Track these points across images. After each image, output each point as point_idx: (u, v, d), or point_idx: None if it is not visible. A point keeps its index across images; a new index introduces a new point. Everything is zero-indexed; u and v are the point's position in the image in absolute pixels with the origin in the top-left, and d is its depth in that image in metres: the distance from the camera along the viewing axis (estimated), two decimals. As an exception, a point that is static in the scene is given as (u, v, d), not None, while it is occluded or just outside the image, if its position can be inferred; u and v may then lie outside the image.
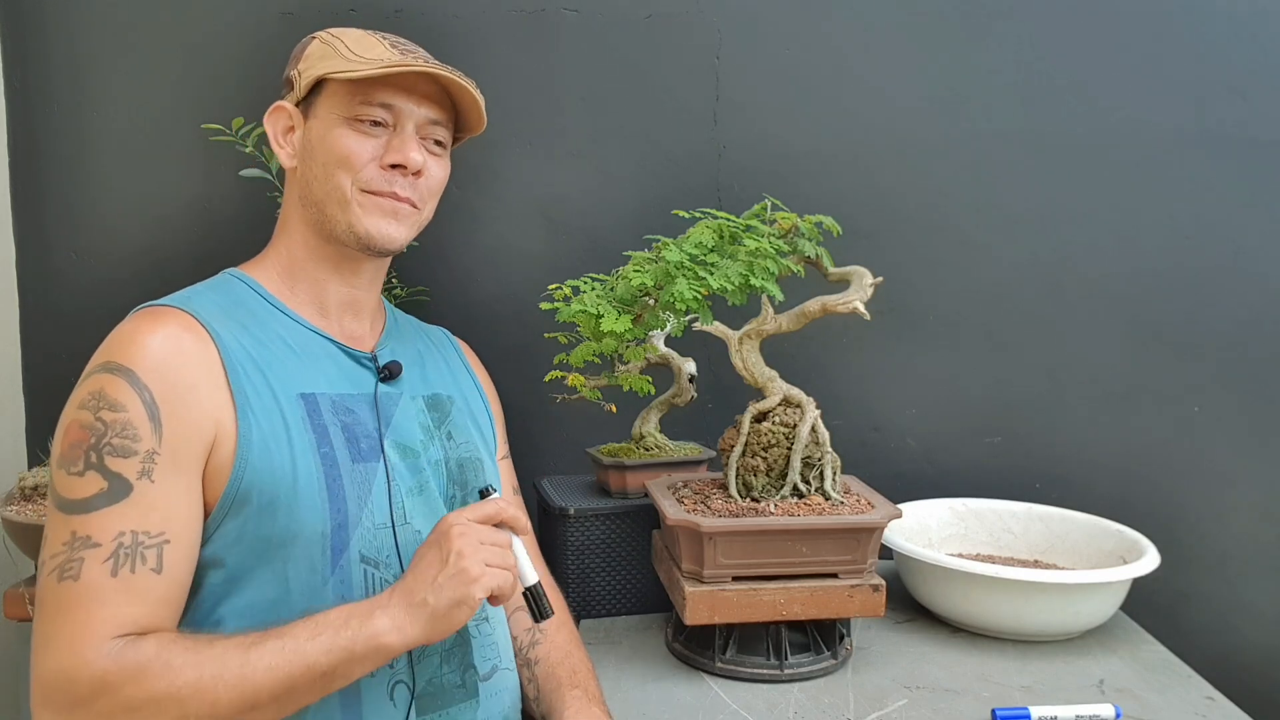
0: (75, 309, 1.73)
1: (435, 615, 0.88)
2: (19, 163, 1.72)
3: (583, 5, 1.67)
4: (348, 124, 1.03)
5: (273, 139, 1.08)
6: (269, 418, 0.96)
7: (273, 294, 1.06)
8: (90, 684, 0.83)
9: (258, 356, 0.98)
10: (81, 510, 0.87)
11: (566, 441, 1.71)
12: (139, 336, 0.93)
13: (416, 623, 0.88)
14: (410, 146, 1.04)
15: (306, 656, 0.85)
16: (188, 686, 0.83)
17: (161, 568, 0.88)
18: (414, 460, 1.06)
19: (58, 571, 0.86)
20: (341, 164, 1.02)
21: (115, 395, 0.90)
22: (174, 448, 0.90)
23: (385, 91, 1.03)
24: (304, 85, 1.05)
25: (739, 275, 1.08)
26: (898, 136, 1.66)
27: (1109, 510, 1.55)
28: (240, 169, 1.53)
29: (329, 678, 0.87)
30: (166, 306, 0.98)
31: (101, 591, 0.85)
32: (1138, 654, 1.29)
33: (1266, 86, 1.61)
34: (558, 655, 1.13)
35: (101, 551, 0.86)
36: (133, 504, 0.88)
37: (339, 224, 1.04)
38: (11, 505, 1.43)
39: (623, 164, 1.69)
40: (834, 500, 1.20)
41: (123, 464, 0.88)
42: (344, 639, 0.86)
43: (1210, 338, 1.65)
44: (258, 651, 0.85)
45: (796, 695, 1.15)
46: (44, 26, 1.69)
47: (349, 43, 1.04)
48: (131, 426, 0.89)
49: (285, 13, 1.67)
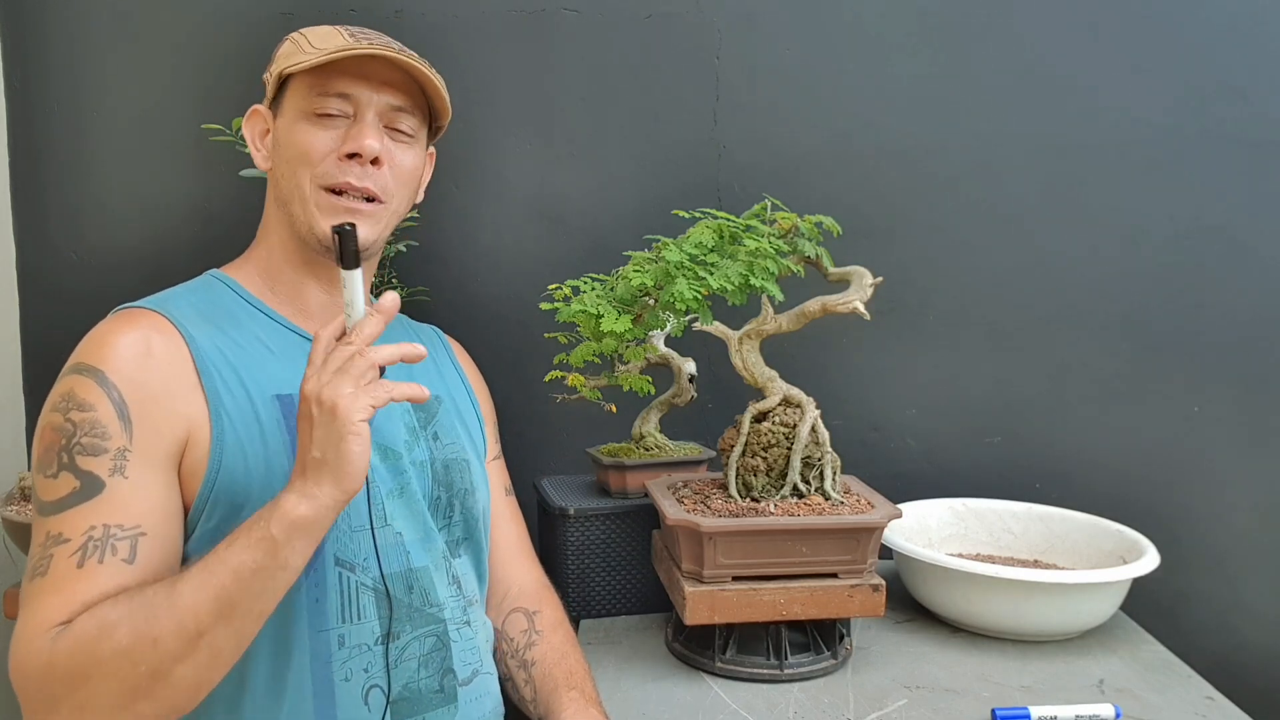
0: (75, 309, 1.72)
1: (331, 464, 0.83)
2: (19, 163, 1.72)
3: (583, 5, 1.67)
4: (307, 118, 1.01)
5: (250, 143, 1.07)
6: (243, 419, 0.95)
7: (253, 294, 1.06)
8: (41, 674, 0.82)
9: (233, 358, 0.98)
10: (56, 510, 0.87)
11: (566, 441, 1.71)
12: (110, 338, 0.94)
13: (320, 482, 0.83)
14: (366, 134, 1.00)
15: (228, 562, 0.83)
16: (126, 637, 0.81)
17: (134, 559, 0.87)
18: (395, 462, 1.05)
19: (32, 571, 0.87)
20: (301, 159, 1.01)
21: (84, 395, 0.90)
22: (146, 445, 0.90)
23: (342, 80, 1.00)
24: (272, 85, 1.05)
25: (739, 275, 1.08)
26: (898, 136, 1.66)
27: (1109, 510, 1.55)
28: (240, 169, 1.53)
29: (262, 574, 0.82)
30: (141, 309, 0.98)
31: (62, 582, 0.85)
32: (1138, 654, 1.29)
33: (1266, 86, 1.61)
34: (554, 656, 1.12)
35: (70, 546, 0.86)
36: (105, 500, 0.88)
37: (301, 224, 1.03)
38: (11, 505, 1.43)
39: (623, 164, 1.69)
40: (834, 500, 1.20)
41: (93, 462, 0.88)
42: (258, 532, 0.83)
43: (1210, 338, 1.65)
44: (184, 579, 0.83)
45: (796, 695, 1.15)
46: (44, 26, 1.69)
47: (312, 39, 1.03)
48: (100, 425, 0.89)
49: (285, 13, 1.67)
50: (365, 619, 0.98)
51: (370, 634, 0.98)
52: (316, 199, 1.01)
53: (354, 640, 0.97)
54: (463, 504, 1.11)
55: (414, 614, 1.01)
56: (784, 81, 1.67)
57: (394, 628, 0.99)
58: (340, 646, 0.96)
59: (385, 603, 0.99)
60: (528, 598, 1.21)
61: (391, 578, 1.00)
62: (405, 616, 1.00)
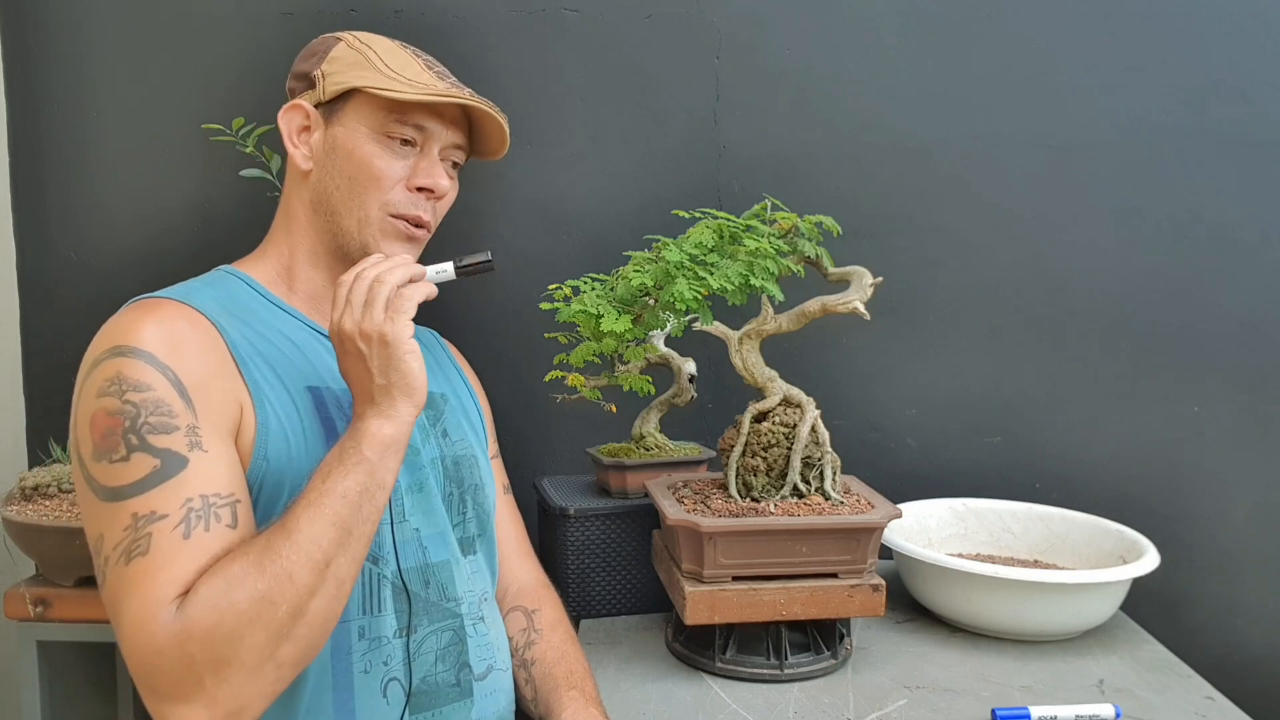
0: (75, 309, 1.73)
1: (397, 384, 0.90)
2: (19, 163, 1.72)
3: (583, 5, 1.67)
4: (377, 141, 1.03)
5: (286, 137, 1.06)
6: (284, 407, 0.95)
7: (271, 291, 1.06)
8: (174, 642, 0.79)
9: (262, 349, 0.98)
10: (138, 491, 0.84)
11: (566, 441, 1.71)
12: (142, 323, 0.90)
13: (394, 402, 0.90)
14: (438, 171, 1.05)
15: (334, 490, 0.85)
16: (260, 580, 0.81)
17: (237, 524, 0.86)
18: (413, 458, 1.05)
19: (124, 555, 0.82)
20: (371, 183, 1.02)
21: (137, 376, 0.87)
22: (210, 422, 0.88)
23: (421, 114, 1.04)
24: (330, 89, 1.03)
25: (739, 275, 1.08)
26: (898, 136, 1.66)
27: (1109, 510, 1.56)
28: (240, 169, 1.53)
29: (366, 495, 0.87)
30: (164, 299, 0.96)
31: (171, 555, 0.82)
32: (1138, 654, 1.29)
33: (1266, 86, 1.61)
34: (554, 655, 1.13)
35: (170, 521, 0.83)
36: (193, 473, 0.85)
37: (352, 240, 1.04)
38: (11, 505, 1.43)
39: (623, 164, 1.69)
40: (834, 500, 1.20)
41: (168, 439, 0.85)
42: (351, 459, 0.87)
43: (1210, 338, 1.65)
44: (292, 519, 0.84)
45: (796, 695, 1.15)
46: (44, 26, 1.69)
47: (381, 54, 1.04)
48: (164, 403, 0.87)
49: (285, 13, 1.67)
50: (384, 612, 0.98)
51: (389, 627, 0.98)
52: (380, 222, 1.04)
53: (373, 632, 0.97)
54: (474, 500, 1.12)
55: (431, 608, 1.02)
56: (784, 81, 1.67)
57: (413, 621, 1.00)
58: (360, 638, 0.96)
59: (404, 597, 0.99)
60: (527, 596, 1.21)
61: (409, 573, 1.01)
62: (423, 610, 1.01)
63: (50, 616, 1.40)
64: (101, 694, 1.69)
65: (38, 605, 1.40)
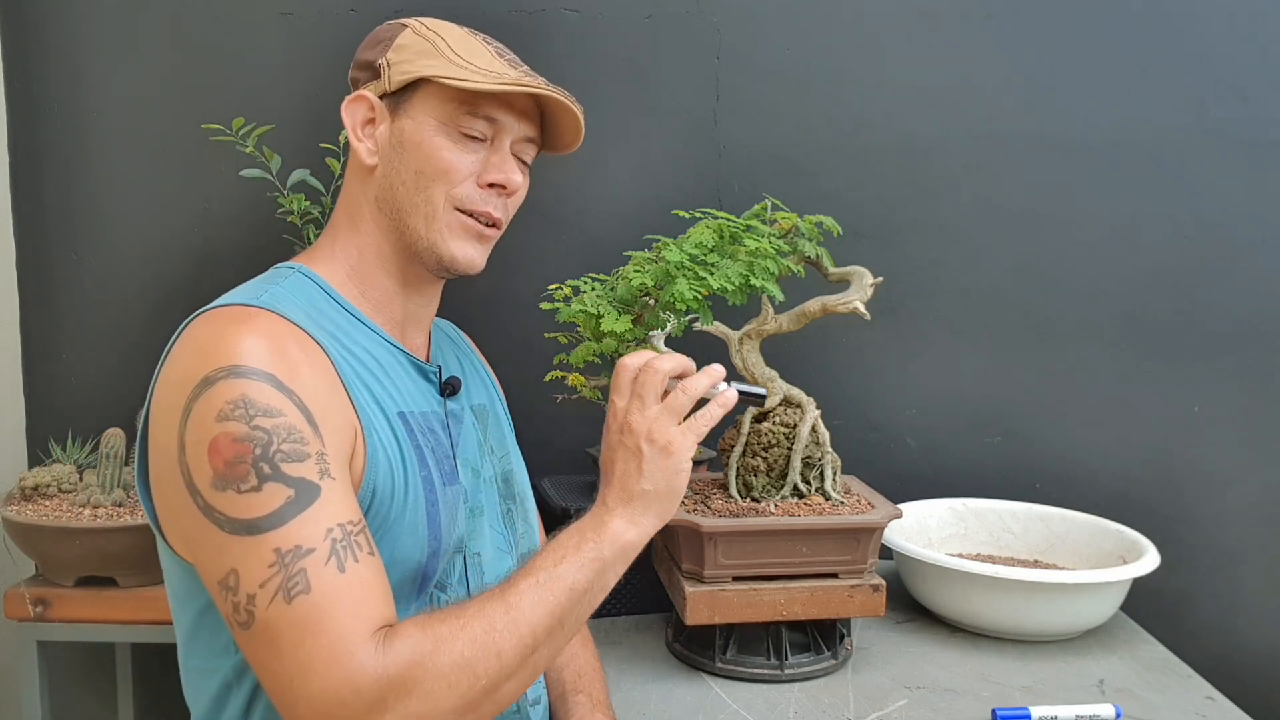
0: (75, 309, 1.73)
1: (659, 496, 0.88)
2: (19, 163, 1.72)
3: (583, 5, 1.66)
4: (448, 133, 0.96)
5: (351, 130, 0.98)
6: (385, 436, 0.90)
7: (346, 299, 0.98)
8: (374, 686, 0.76)
9: (359, 372, 0.91)
10: (274, 525, 0.78)
11: (566, 441, 1.70)
12: (251, 340, 0.83)
13: (648, 511, 0.89)
14: (511, 166, 0.99)
15: (564, 580, 0.83)
16: (468, 648, 0.79)
17: (374, 550, 0.83)
18: (477, 480, 1.02)
19: (282, 593, 0.77)
20: (439, 176, 0.95)
21: (265, 400, 0.80)
22: (333, 450, 0.83)
23: (492, 105, 0.96)
24: (396, 79, 0.96)
25: (739, 275, 1.08)
26: (898, 136, 1.66)
27: (1109, 510, 1.55)
28: (240, 169, 1.53)
29: (589, 594, 0.85)
30: (256, 309, 0.87)
31: (338, 591, 0.78)
32: (1138, 654, 1.29)
33: (1266, 86, 1.61)
34: (563, 659, 1.11)
35: (319, 554, 0.78)
36: (326, 502, 0.80)
37: (420, 239, 0.97)
38: (11, 505, 1.43)
39: (623, 164, 1.69)
40: (834, 500, 1.20)
41: (300, 468, 0.80)
42: (589, 553, 0.85)
43: (1210, 338, 1.65)
44: (515, 594, 0.82)
45: (796, 695, 1.15)
46: (44, 26, 1.69)
47: (452, 43, 0.97)
48: (296, 430, 0.81)
49: (285, 13, 1.66)
50: None
51: None
52: (448, 218, 0.97)
53: None
54: (523, 514, 1.10)
55: None
56: (784, 81, 1.67)
57: None
58: None
59: None
60: None
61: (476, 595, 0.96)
62: None
63: (50, 617, 1.40)
64: (101, 694, 1.70)
65: (38, 605, 1.40)
